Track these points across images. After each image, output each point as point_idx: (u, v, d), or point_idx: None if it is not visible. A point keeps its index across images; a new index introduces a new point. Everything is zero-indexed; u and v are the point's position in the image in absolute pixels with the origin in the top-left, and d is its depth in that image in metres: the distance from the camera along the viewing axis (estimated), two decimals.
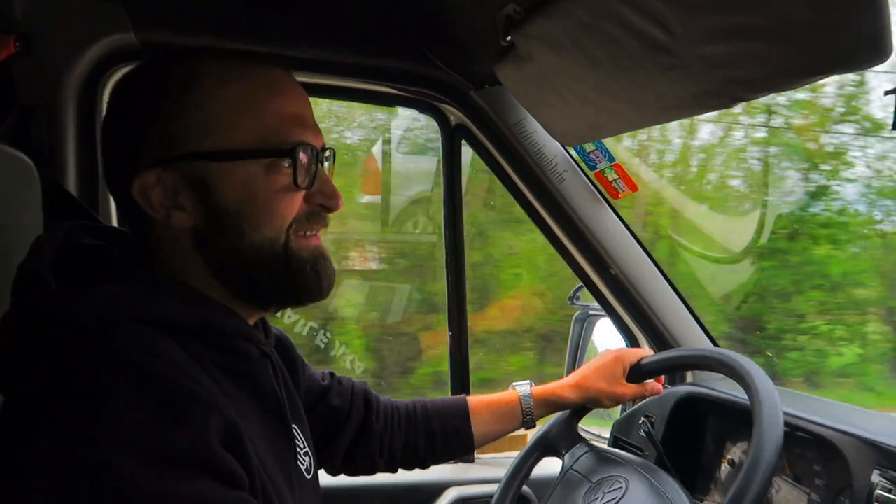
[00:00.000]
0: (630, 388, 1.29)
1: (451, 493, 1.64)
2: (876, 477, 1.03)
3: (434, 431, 1.24)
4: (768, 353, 4.56)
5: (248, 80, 0.81)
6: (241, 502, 0.70)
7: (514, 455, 1.35)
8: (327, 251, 0.88)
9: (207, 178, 0.79)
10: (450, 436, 1.24)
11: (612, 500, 1.10)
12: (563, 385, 1.30)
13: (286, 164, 0.80)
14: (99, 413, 0.64)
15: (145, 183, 0.79)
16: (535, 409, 1.28)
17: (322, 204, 0.85)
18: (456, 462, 1.78)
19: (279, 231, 0.81)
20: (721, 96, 0.97)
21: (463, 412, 1.26)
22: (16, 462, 0.64)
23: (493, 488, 1.33)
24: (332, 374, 1.21)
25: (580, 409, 1.32)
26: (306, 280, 0.84)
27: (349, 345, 3.79)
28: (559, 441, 1.30)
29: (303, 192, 0.83)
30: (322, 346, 3.44)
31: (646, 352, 1.33)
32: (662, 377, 1.37)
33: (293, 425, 0.92)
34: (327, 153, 0.89)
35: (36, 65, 1.30)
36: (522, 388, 1.29)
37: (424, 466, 1.27)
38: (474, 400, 1.29)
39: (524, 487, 1.35)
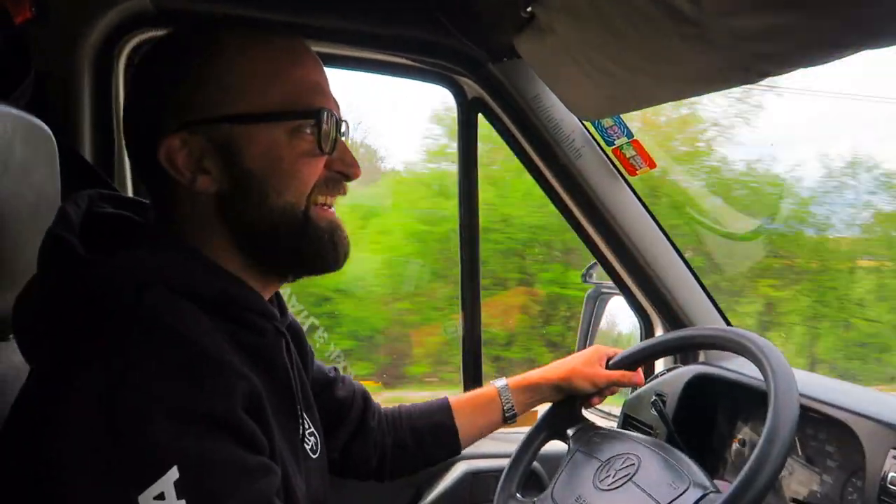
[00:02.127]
0: (604, 373, 1.30)
1: (462, 467, 1.65)
2: (891, 460, 1.02)
3: (419, 428, 1.26)
4: None
5: (271, 49, 0.83)
6: (262, 466, 0.71)
7: (525, 430, 1.36)
8: (342, 222, 0.89)
9: (233, 142, 0.80)
10: (435, 431, 1.26)
11: (625, 476, 1.10)
12: (539, 369, 1.33)
13: (308, 130, 0.82)
14: (129, 372, 0.65)
15: (171, 147, 0.80)
16: (513, 396, 1.29)
17: (341, 171, 0.87)
18: None
19: (300, 196, 0.83)
20: (748, 71, 0.94)
21: (445, 408, 1.28)
22: (50, 422, 0.65)
23: (503, 462, 1.33)
24: (336, 370, 1.23)
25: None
26: (324, 249, 0.86)
27: None
28: (563, 423, 1.31)
29: (324, 159, 0.84)
30: None
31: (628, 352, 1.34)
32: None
33: (300, 406, 0.93)
34: (344, 125, 0.90)
35: (51, 31, 1.30)
36: (500, 382, 1.32)
37: (414, 470, 1.28)
38: (455, 398, 1.31)
39: (535, 464, 1.36)
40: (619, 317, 1.89)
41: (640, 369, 1.35)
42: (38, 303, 0.76)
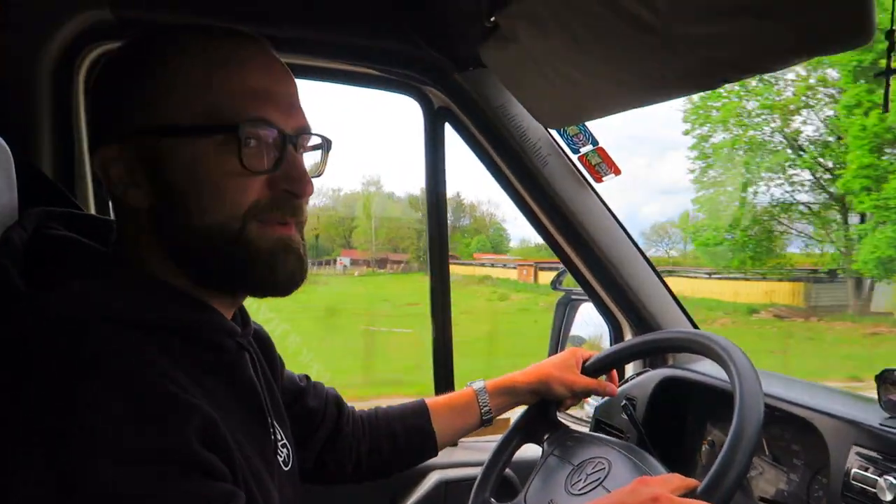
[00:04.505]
0: (582, 379, 1.31)
1: (435, 476, 1.64)
2: (853, 456, 1.04)
3: (396, 432, 1.24)
4: None
5: (209, 54, 0.77)
6: (226, 493, 0.69)
7: (497, 438, 1.36)
8: (296, 242, 0.82)
9: (157, 156, 0.76)
10: (412, 434, 1.25)
11: (595, 480, 1.10)
12: (516, 372, 1.33)
13: (238, 146, 0.76)
14: (73, 417, 0.62)
15: (105, 158, 0.77)
16: (490, 399, 1.29)
17: (287, 189, 0.79)
18: None
19: (231, 217, 0.77)
20: (707, 77, 0.97)
21: (422, 411, 1.27)
22: None
23: (476, 471, 1.33)
24: (307, 378, 1.21)
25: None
26: (258, 272, 0.80)
27: None
28: (537, 427, 1.31)
29: (263, 177, 0.78)
30: None
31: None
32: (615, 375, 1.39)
33: (271, 418, 0.91)
34: (316, 139, 0.85)
35: (10, 41, 1.27)
36: (477, 384, 1.32)
37: (389, 473, 1.27)
38: (432, 400, 1.30)
39: (507, 470, 1.36)
40: (590, 322, 1.91)
41: (615, 376, 1.36)
42: None
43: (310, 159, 0.87)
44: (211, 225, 0.76)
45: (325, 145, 0.87)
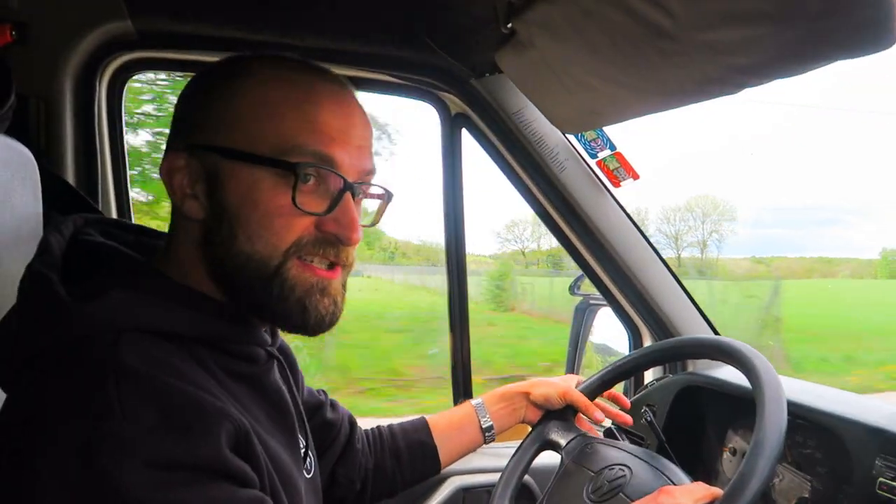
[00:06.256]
0: (574, 391, 1.30)
1: (453, 483, 1.64)
2: (879, 464, 1.03)
3: (399, 448, 1.26)
4: None
5: (287, 85, 0.78)
6: (254, 500, 0.70)
7: (516, 444, 1.35)
8: (335, 288, 0.82)
9: (219, 174, 0.78)
10: (414, 450, 1.26)
11: (616, 486, 1.09)
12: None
13: (296, 182, 0.76)
14: (103, 423, 0.64)
15: (172, 165, 0.79)
16: (489, 407, 1.31)
17: (333, 233, 0.79)
18: None
19: (273, 250, 0.77)
20: (725, 83, 0.96)
21: (423, 426, 1.29)
22: (23, 471, 0.63)
23: (494, 477, 1.33)
24: (325, 392, 1.23)
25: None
26: (289, 309, 0.80)
27: None
28: (557, 435, 1.30)
29: (312, 217, 0.78)
30: None
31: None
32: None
33: (298, 425, 0.93)
34: (378, 189, 0.86)
35: (32, 54, 1.29)
36: (475, 400, 1.34)
37: (395, 491, 1.27)
38: (432, 417, 1.31)
39: (526, 477, 1.35)
40: (609, 328, 1.90)
41: (598, 407, 1.31)
42: (15, 338, 0.73)
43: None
44: (252, 254, 0.77)
45: (387, 196, 0.88)
